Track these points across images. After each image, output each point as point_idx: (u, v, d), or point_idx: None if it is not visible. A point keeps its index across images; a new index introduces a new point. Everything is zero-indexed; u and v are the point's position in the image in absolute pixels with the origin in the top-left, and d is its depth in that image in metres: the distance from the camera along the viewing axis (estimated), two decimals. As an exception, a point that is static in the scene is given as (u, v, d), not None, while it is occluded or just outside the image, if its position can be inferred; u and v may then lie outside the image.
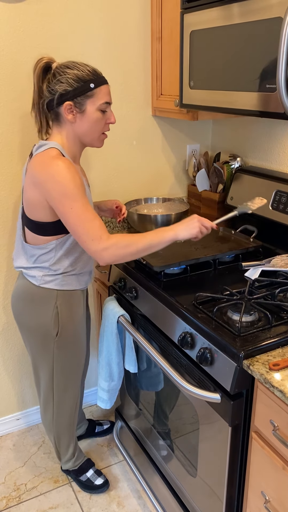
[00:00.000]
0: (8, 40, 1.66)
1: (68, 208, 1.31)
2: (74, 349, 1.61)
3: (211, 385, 1.23)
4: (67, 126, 1.40)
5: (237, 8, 1.31)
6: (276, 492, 1.15)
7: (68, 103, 1.35)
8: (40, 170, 1.32)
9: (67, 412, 1.71)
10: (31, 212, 1.40)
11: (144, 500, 1.82)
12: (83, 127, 1.40)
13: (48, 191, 1.32)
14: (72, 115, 1.37)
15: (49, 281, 1.50)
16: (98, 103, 1.37)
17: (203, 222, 1.40)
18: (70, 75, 1.34)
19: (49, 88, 1.36)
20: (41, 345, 1.57)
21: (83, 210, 1.32)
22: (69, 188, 1.30)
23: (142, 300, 1.56)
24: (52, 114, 1.41)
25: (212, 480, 1.33)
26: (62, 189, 1.30)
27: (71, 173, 1.30)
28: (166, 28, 1.78)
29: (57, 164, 1.30)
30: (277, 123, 1.80)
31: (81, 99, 1.35)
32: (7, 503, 1.82)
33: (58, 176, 1.29)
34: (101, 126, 1.42)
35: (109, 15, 1.80)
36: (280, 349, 1.16)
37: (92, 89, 1.35)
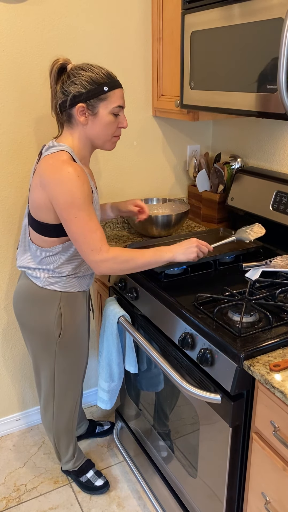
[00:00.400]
0: (9, 40, 1.66)
1: (72, 217, 1.31)
2: (76, 350, 1.61)
3: (212, 386, 1.23)
4: (79, 128, 1.40)
5: (238, 9, 1.31)
6: (277, 493, 1.14)
7: (81, 105, 1.34)
8: (50, 174, 1.31)
9: (67, 413, 1.71)
10: (36, 212, 1.40)
11: (144, 501, 1.82)
12: (95, 130, 1.39)
13: (55, 196, 1.31)
14: (85, 117, 1.36)
15: (53, 283, 1.49)
16: (111, 106, 1.36)
17: (201, 247, 1.42)
18: (84, 77, 1.33)
19: (62, 89, 1.36)
20: (43, 346, 1.57)
21: (87, 220, 1.32)
22: (77, 197, 1.30)
23: (142, 301, 1.56)
24: (64, 115, 1.40)
25: (212, 481, 1.33)
26: (69, 197, 1.29)
27: (81, 181, 1.30)
28: (166, 29, 1.78)
29: (68, 171, 1.29)
30: (278, 123, 1.80)
31: (94, 101, 1.35)
32: (7, 504, 1.82)
33: (68, 184, 1.29)
34: (113, 130, 1.41)
35: (110, 16, 1.80)
36: (281, 349, 1.16)
37: (105, 92, 1.34)
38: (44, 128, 1.82)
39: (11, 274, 1.95)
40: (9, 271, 1.94)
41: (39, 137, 1.82)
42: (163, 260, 1.40)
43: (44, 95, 1.77)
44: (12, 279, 1.96)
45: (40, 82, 1.75)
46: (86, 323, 1.64)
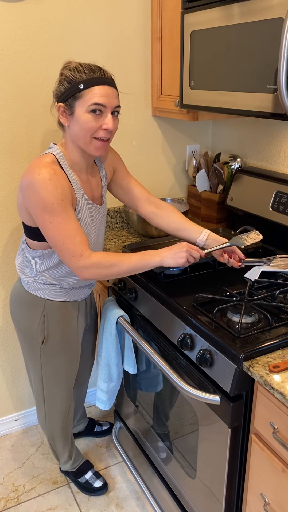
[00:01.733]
0: (8, 39, 1.65)
1: (47, 222, 1.26)
2: (63, 358, 1.58)
3: (211, 387, 1.22)
4: (65, 131, 1.35)
5: (238, 9, 1.31)
6: (276, 495, 1.14)
7: (60, 104, 1.29)
8: (25, 175, 1.27)
9: (59, 415, 1.70)
10: (20, 213, 1.38)
11: (142, 502, 1.82)
12: (74, 131, 1.30)
13: (28, 199, 1.27)
14: (66, 118, 1.30)
15: (38, 289, 1.47)
16: (86, 104, 1.26)
17: (191, 252, 1.35)
18: (64, 76, 1.28)
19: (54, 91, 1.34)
20: (29, 349, 1.56)
21: (64, 225, 1.26)
22: (48, 201, 1.24)
23: (141, 301, 1.55)
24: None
25: (211, 482, 1.33)
26: (40, 201, 1.24)
27: (53, 185, 1.23)
28: (166, 28, 1.77)
29: (40, 173, 1.23)
30: (278, 123, 1.79)
31: (71, 100, 1.27)
32: (6, 504, 1.82)
33: (38, 187, 1.23)
34: (92, 130, 1.28)
35: (109, 15, 1.80)
36: (280, 351, 1.16)
37: (80, 90, 1.25)
38: (42, 128, 1.81)
39: (10, 274, 1.94)
40: (8, 271, 1.94)
41: (38, 136, 1.81)
42: (150, 264, 1.34)
43: (42, 94, 1.77)
44: (12, 278, 1.95)
45: (38, 81, 1.75)
46: (79, 332, 1.60)
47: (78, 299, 1.55)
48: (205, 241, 1.50)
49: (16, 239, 1.91)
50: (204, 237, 1.50)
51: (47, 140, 1.83)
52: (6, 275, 1.94)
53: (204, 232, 1.50)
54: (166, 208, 1.58)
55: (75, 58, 1.79)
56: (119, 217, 2.08)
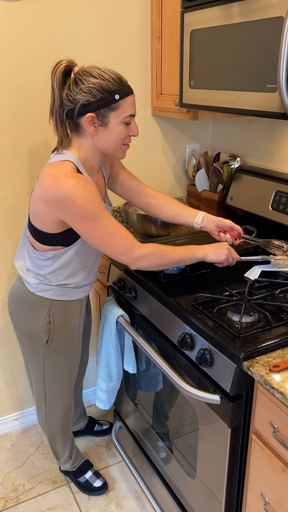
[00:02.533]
0: (7, 38, 1.65)
1: (91, 228, 1.27)
2: (66, 357, 1.58)
3: (211, 387, 1.22)
4: (87, 138, 1.31)
5: (238, 8, 1.30)
6: (276, 494, 1.14)
7: (90, 115, 1.25)
8: (53, 188, 1.23)
9: (60, 414, 1.69)
10: (35, 220, 1.35)
11: (142, 501, 1.82)
12: (105, 141, 1.30)
13: (63, 212, 1.25)
14: (94, 128, 1.27)
15: (44, 290, 1.46)
16: (122, 115, 1.27)
17: (232, 252, 1.43)
18: (94, 84, 1.22)
19: (69, 97, 1.25)
20: (32, 350, 1.55)
21: (107, 226, 1.28)
22: (89, 209, 1.24)
23: (141, 301, 1.55)
24: (71, 124, 1.31)
25: (211, 482, 1.32)
26: (81, 211, 1.24)
27: (89, 192, 1.24)
28: (166, 27, 1.77)
29: (73, 184, 1.22)
30: (278, 123, 1.79)
31: (104, 111, 1.25)
32: (5, 504, 1.82)
33: (76, 198, 1.22)
34: (122, 139, 1.32)
35: (109, 14, 1.79)
36: (280, 350, 1.16)
37: (116, 101, 1.25)
38: (42, 127, 1.81)
39: (10, 274, 1.94)
40: (8, 271, 1.94)
41: (37, 136, 1.81)
42: (196, 257, 1.40)
43: (42, 93, 1.76)
44: (11, 278, 1.95)
45: (38, 81, 1.74)
46: (81, 330, 1.61)
47: (82, 297, 1.55)
48: (201, 223, 1.57)
49: (15, 239, 1.90)
50: (199, 220, 1.56)
51: (47, 140, 1.83)
52: (6, 275, 1.94)
53: (199, 215, 1.56)
54: (160, 197, 1.61)
55: (75, 58, 1.79)
56: (119, 216, 2.08)
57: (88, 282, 1.54)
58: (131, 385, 1.80)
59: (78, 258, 1.43)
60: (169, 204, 1.60)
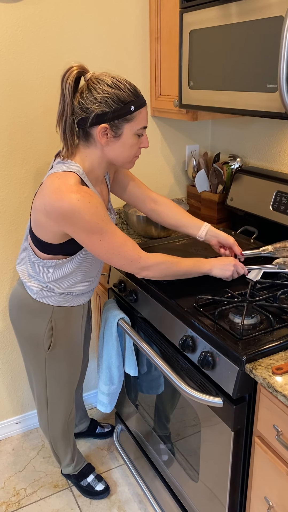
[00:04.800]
0: (6, 40, 1.64)
1: (97, 241, 1.25)
2: (68, 362, 1.57)
3: (213, 389, 1.21)
4: (96, 148, 1.27)
5: (236, 7, 1.30)
6: (280, 498, 1.13)
7: (104, 125, 1.21)
8: (57, 202, 1.20)
9: (61, 418, 1.68)
10: (36, 229, 1.33)
11: (145, 505, 1.80)
12: (116, 152, 1.27)
13: (68, 226, 1.23)
14: (106, 139, 1.24)
15: (46, 297, 1.44)
16: (136, 127, 1.24)
17: (238, 268, 1.43)
18: (109, 94, 1.18)
19: (82, 105, 1.20)
20: (33, 355, 1.54)
21: (113, 238, 1.26)
22: (94, 223, 1.22)
23: (142, 303, 1.54)
24: (81, 132, 1.26)
25: (214, 485, 1.31)
26: (86, 226, 1.22)
27: (94, 206, 1.21)
28: (164, 28, 1.76)
29: (78, 198, 1.19)
30: (278, 123, 1.78)
31: (119, 122, 1.21)
32: (7, 508, 1.80)
33: (82, 213, 1.19)
34: (134, 151, 1.29)
35: (107, 15, 1.79)
36: (283, 352, 1.15)
37: (132, 112, 1.21)
38: (41, 129, 1.80)
39: (9, 277, 1.93)
40: (8, 274, 1.93)
41: (36, 137, 1.80)
42: (201, 271, 1.40)
43: (41, 95, 1.76)
44: (11, 282, 1.94)
45: (37, 82, 1.74)
46: (81, 335, 1.59)
47: (84, 302, 1.54)
48: (204, 236, 1.55)
49: (14, 242, 1.89)
50: (203, 233, 1.54)
51: (46, 141, 1.82)
52: (6, 278, 1.93)
53: (204, 227, 1.54)
54: (164, 204, 1.58)
55: (74, 59, 1.78)
56: (119, 218, 2.07)
57: (91, 289, 1.53)
58: (132, 387, 1.79)
59: (81, 268, 1.41)
60: (173, 213, 1.57)
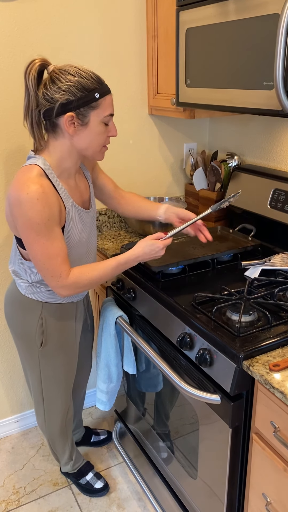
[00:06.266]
0: (2, 38, 1.64)
1: (32, 241, 1.24)
2: (62, 360, 1.56)
3: (211, 386, 1.21)
4: (65, 139, 1.27)
5: (233, 5, 1.30)
6: (278, 494, 1.13)
7: (70, 114, 1.21)
8: (13, 191, 1.21)
9: (58, 416, 1.68)
10: (9, 225, 1.34)
11: (144, 502, 1.81)
12: (84, 141, 1.27)
13: (15, 216, 1.24)
14: (73, 128, 1.24)
15: (35, 292, 1.45)
16: (102, 115, 1.25)
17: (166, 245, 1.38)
18: (73, 82, 1.19)
19: (47, 96, 1.21)
20: (27, 352, 1.54)
21: (48, 246, 1.24)
22: (35, 221, 1.20)
23: (140, 301, 1.54)
24: (48, 124, 1.26)
25: (212, 482, 1.32)
26: (27, 221, 1.21)
27: (41, 204, 1.19)
28: (161, 26, 1.76)
29: (28, 191, 1.18)
30: (275, 120, 1.78)
31: (85, 110, 1.22)
32: (6, 507, 1.81)
33: (26, 206, 1.19)
34: (103, 140, 1.29)
35: (104, 13, 1.79)
36: (280, 349, 1.15)
37: (97, 99, 1.22)
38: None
39: (5, 277, 1.93)
40: (5, 274, 1.93)
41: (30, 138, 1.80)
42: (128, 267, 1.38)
43: (38, 94, 1.76)
44: (7, 282, 1.94)
45: (34, 81, 1.73)
46: (76, 333, 1.59)
47: (75, 300, 1.54)
48: (164, 214, 1.58)
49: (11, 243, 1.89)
50: (162, 211, 1.58)
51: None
52: (3, 278, 1.93)
53: (162, 207, 1.58)
54: (127, 196, 1.64)
55: (70, 58, 1.78)
56: (117, 216, 2.07)
57: None
58: (131, 385, 1.79)
59: None
60: (133, 201, 1.63)
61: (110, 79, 1.89)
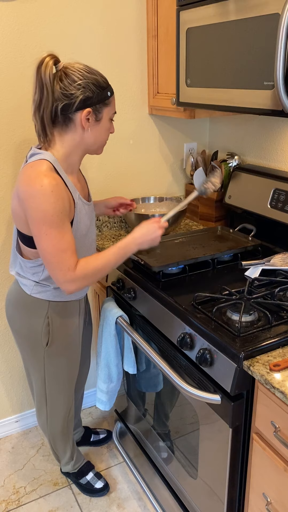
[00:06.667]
0: (3, 38, 1.64)
1: (43, 233, 1.25)
2: (66, 358, 1.57)
3: (211, 386, 1.21)
4: (75, 134, 1.31)
5: (233, 5, 1.30)
6: (278, 494, 1.13)
7: (88, 110, 1.27)
8: (25, 185, 1.24)
9: (61, 415, 1.68)
10: (16, 222, 1.35)
11: (144, 502, 1.81)
12: (95, 136, 1.33)
13: (28, 210, 1.25)
14: (88, 123, 1.29)
15: (41, 292, 1.45)
16: (111, 112, 1.34)
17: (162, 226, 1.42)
18: (90, 80, 1.25)
19: (65, 91, 1.24)
20: (32, 352, 1.54)
21: (59, 239, 1.26)
22: (49, 213, 1.23)
23: (140, 301, 1.54)
24: (61, 119, 1.28)
25: (212, 482, 1.32)
26: (41, 213, 1.23)
27: (54, 197, 1.22)
28: (161, 26, 1.76)
29: (42, 184, 1.21)
30: (275, 120, 1.78)
31: (100, 106, 1.29)
32: (7, 506, 1.81)
33: (40, 199, 1.22)
34: (107, 135, 1.38)
35: (105, 13, 1.79)
36: (281, 349, 1.15)
37: (109, 97, 1.31)
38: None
39: (6, 276, 1.93)
40: (6, 273, 1.93)
41: (35, 137, 1.80)
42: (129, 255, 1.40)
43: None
44: (8, 281, 1.94)
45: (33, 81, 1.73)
46: (79, 333, 1.59)
47: (79, 297, 1.54)
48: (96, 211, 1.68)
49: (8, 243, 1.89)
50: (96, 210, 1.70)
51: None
52: (4, 277, 1.93)
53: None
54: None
55: (71, 57, 1.78)
56: (118, 217, 2.07)
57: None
58: (131, 385, 1.79)
59: None
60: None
61: (111, 79, 1.89)
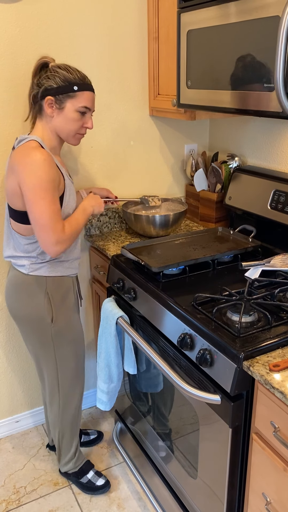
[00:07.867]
0: (5, 40, 1.64)
1: (38, 198, 1.39)
2: (72, 335, 1.65)
3: (211, 387, 1.22)
4: (47, 119, 1.50)
5: (234, 7, 1.30)
6: (277, 494, 1.14)
7: (50, 97, 1.44)
8: (19, 158, 1.39)
9: (74, 402, 1.74)
10: (11, 200, 1.47)
11: (144, 502, 1.81)
12: (60, 123, 1.49)
13: (23, 179, 1.39)
14: (51, 110, 1.47)
15: (37, 269, 1.56)
16: (78, 105, 1.47)
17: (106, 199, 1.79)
18: (59, 74, 1.44)
19: (38, 82, 1.47)
20: (39, 335, 1.61)
21: (53, 202, 1.41)
22: (44, 179, 1.38)
23: (141, 301, 1.55)
24: (36, 106, 1.50)
25: (212, 482, 1.32)
26: (37, 179, 1.37)
27: (48, 165, 1.39)
28: (162, 28, 1.77)
29: (35, 154, 1.38)
30: (275, 122, 1.79)
31: (63, 97, 1.45)
32: (7, 506, 1.81)
33: (35, 167, 1.37)
34: (77, 127, 1.50)
35: (106, 15, 1.79)
36: (280, 349, 1.16)
37: (74, 91, 1.45)
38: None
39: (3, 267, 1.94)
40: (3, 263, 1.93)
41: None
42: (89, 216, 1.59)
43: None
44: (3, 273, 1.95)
45: (36, 82, 1.74)
46: (78, 311, 1.69)
47: (73, 273, 1.65)
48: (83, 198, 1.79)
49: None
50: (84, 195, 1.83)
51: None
52: (1, 271, 1.93)
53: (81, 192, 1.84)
54: None
55: (72, 59, 1.79)
56: (118, 217, 2.08)
57: (76, 256, 1.65)
58: (131, 386, 1.80)
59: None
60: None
61: (111, 80, 1.90)
